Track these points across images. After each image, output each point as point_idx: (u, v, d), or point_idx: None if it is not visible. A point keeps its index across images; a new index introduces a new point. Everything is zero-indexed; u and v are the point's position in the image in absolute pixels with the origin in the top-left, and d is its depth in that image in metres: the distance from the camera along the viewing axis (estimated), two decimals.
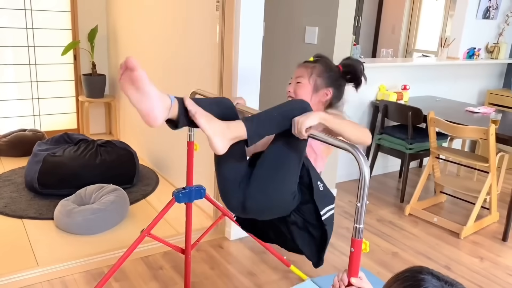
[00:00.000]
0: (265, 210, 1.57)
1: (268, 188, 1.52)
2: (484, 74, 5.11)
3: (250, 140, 1.45)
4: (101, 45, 4.94)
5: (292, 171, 1.54)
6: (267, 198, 1.53)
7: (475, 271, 2.83)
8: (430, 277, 0.85)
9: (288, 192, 1.53)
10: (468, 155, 3.52)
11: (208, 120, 1.40)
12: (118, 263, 1.98)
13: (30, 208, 3.21)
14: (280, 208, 1.56)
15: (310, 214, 1.58)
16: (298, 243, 1.61)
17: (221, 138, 1.39)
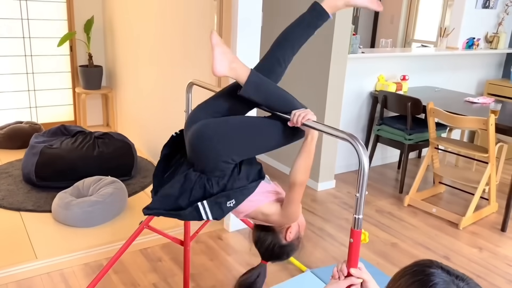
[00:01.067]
0: (199, 139, 1.52)
1: (223, 129, 1.52)
2: (484, 64, 5.08)
3: (247, 85, 1.46)
4: (98, 36, 4.90)
5: (255, 146, 1.54)
6: (216, 135, 1.50)
7: (474, 261, 2.83)
8: (440, 271, 0.83)
9: (227, 149, 1.49)
10: (467, 146, 3.51)
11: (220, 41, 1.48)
12: (117, 255, 1.97)
13: (27, 201, 3.20)
14: (205, 149, 1.51)
15: (198, 191, 1.54)
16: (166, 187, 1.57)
17: (222, 60, 1.46)
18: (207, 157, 1.51)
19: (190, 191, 1.55)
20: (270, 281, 2.49)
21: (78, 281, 2.40)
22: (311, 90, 3.70)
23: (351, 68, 3.89)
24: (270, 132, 1.54)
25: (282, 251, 1.62)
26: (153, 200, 1.61)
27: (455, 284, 0.80)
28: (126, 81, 4.57)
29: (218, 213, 1.53)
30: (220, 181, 1.53)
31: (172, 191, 1.57)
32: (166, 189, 1.58)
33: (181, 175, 1.57)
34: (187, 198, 1.55)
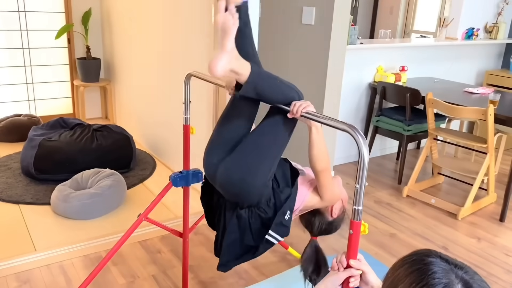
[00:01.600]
0: (230, 185, 1.53)
1: (244, 162, 1.51)
2: (483, 55, 5.07)
3: (247, 86, 1.42)
4: (95, 28, 4.87)
5: (272, 154, 1.53)
6: (239, 171, 1.50)
7: (472, 251, 2.84)
8: (439, 260, 0.83)
9: (260, 177, 1.50)
10: (466, 136, 3.50)
11: (230, 38, 1.40)
12: (115, 247, 1.97)
13: (26, 194, 3.20)
14: (243, 190, 1.51)
15: (256, 223, 1.57)
16: (225, 237, 1.59)
17: (223, 58, 1.37)
18: (248, 194, 1.53)
19: (249, 227, 1.58)
20: (269, 272, 2.50)
21: (77, 272, 2.40)
22: (310, 81, 3.69)
23: (349, 59, 3.87)
24: (279, 136, 1.54)
25: (330, 227, 1.73)
26: (221, 256, 1.63)
27: (454, 272, 0.81)
28: (124, 73, 4.55)
29: (284, 231, 1.59)
30: (269, 203, 1.57)
31: (233, 237, 1.60)
32: (227, 239, 1.60)
33: (232, 219, 1.59)
34: (251, 235, 1.59)
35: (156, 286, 2.34)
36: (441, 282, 0.79)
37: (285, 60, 3.84)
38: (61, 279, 2.35)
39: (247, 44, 1.63)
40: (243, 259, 1.63)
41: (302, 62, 3.74)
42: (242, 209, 1.57)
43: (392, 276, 0.86)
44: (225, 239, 1.60)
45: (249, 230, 1.58)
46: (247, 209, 1.57)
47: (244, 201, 1.55)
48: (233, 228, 1.59)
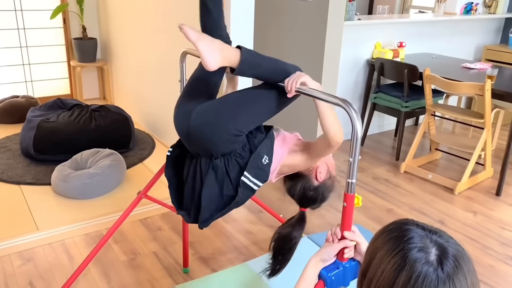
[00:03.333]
0: (203, 126, 1.51)
1: (222, 108, 1.51)
2: (482, 30, 5.03)
3: (241, 65, 1.41)
4: (91, 8, 4.82)
5: (255, 111, 1.52)
6: (214, 115, 1.50)
7: (468, 225, 2.88)
8: (415, 228, 0.87)
9: (235, 124, 1.49)
10: (463, 112, 3.51)
11: (197, 33, 1.41)
12: (116, 224, 2.00)
13: (27, 174, 3.22)
14: (216, 133, 1.50)
15: (234, 170, 1.54)
16: (204, 192, 1.55)
17: (211, 51, 1.37)
18: (220, 139, 1.50)
19: (228, 175, 1.55)
20: (268, 247, 2.54)
21: (80, 250, 2.45)
22: (307, 58, 3.68)
23: (347, 35, 3.85)
24: (267, 100, 1.54)
25: (316, 193, 1.62)
26: (201, 212, 1.59)
27: (429, 237, 0.84)
28: (121, 53, 4.53)
29: (262, 175, 1.54)
30: (244, 148, 1.54)
31: (211, 190, 1.56)
32: (206, 194, 1.56)
33: (209, 171, 1.55)
34: (230, 184, 1.55)
35: (157, 262, 2.38)
36: (416, 246, 0.82)
37: (282, 37, 3.82)
38: (64, 256, 2.39)
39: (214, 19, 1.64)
40: (227, 211, 1.58)
41: (299, 39, 3.72)
42: (216, 159, 1.54)
43: (372, 245, 0.89)
44: (204, 194, 1.56)
45: (228, 179, 1.54)
46: (222, 158, 1.54)
47: (218, 148, 1.52)
48: (210, 181, 1.55)
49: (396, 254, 0.83)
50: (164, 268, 2.34)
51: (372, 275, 0.85)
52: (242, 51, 1.44)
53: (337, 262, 1.27)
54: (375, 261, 0.85)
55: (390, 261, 0.83)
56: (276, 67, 1.49)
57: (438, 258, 0.81)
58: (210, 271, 2.34)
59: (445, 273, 0.79)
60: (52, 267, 2.31)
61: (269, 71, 1.49)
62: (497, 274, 2.41)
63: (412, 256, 0.81)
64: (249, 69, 1.46)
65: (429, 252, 0.81)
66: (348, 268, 1.28)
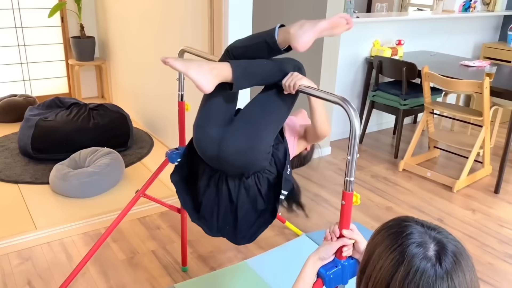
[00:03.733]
0: (238, 155, 1.50)
1: (250, 130, 1.49)
2: (480, 27, 5.03)
3: (237, 82, 1.42)
4: (89, 6, 4.81)
5: (276, 122, 1.53)
6: (245, 140, 1.48)
7: (467, 222, 2.89)
8: (414, 224, 0.87)
9: (266, 143, 1.51)
10: (462, 110, 3.51)
11: (184, 64, 1.41)
12: (114, 223, 2.00)
13: (25, 173, 3.22)
14: (251, 159, 1.51)
15: (264, 186, 1.56)
16: (238, 210, 1.58)
17: (202, 75, 1.39)
18: (256, 160, 1.52)
19: (260, 193, 1.57)
20: (267, 245, 2.54)
21: (78, 249, 2.44)
22: (306, 56, 3.66)
23: (345, 33, 3.83)
24: (280, 106, 1.53)
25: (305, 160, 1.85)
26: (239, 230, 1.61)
27: (428, 233, 0.84)
28: (119, 51, 4.52)
29: (289, 185, 1.59)
30: (271, 163, 1.58)
31: (245, 208, 1.58)
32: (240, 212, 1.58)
33: (241, 192, 1.56)
34: (262, 199, 1.58)
35: (155, 261, 2.38)
36: (415, 242, 0.82)
37: None
38: (62, 255, 2.39)
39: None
40: (262, 225, 1.61)
41: None
42: (248, 178, 1.56)
43: (371, 242, 0.89)
44: (239, 213, 1.59)
45: (260, 196, 1.57)
46: (253, 176, 1.56)
47: (251, 169, 1.54)
48: (243, 200, 1.58)
49: (395, 249, 0.83)
50: (162, 267, 2.34)
51: (370, 271, 0.85)
52: (233, 66, 1.42)
53: (336, 260, 1.27)
54: (374, 257, 0.85)
55: (388, 257, 0.82)
56: (271, 69, 1.48)
57: (437, 253, 0.81)
58: (209, 270, 2.34)
59: (444, 269, 0.79)
60: (51, 266, 2.31)
61: (266, 76, 1.48)
62: (496, 272, 2.42)
63: (411, 251, 0.81)
64: (246, 82, 1.46)
65: (428, 247, 0.81)
66: (347, 267, 1.27)
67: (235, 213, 1.60)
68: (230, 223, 1.63)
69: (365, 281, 0.86)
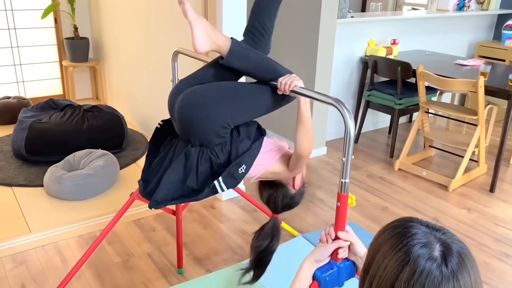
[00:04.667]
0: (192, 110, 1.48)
1: (218, 95, 1.48)
2: (474, 26, 5.04)
3: (230, 54, 1.42)
4: (82, 7, 4.78)
5: (250, 108, 1.51)
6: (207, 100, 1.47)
7: (462, 221, 2.89)
8: (419, 225, 0.86)
9: (222, 116, 1.47)
10: (457, 109, 3.52)
11: (195, 14, 1.42)
12: (109, 226, 1.98)
13: (19, 176, 3.19)
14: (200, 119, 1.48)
15: (204, 165, 1.52)
16: (167, 173, 1.54)
17: (203, 33, 1.41)
18: (202, 125, 1.48)
19: (196, 168, 1.52)
20: None
21: (73, 252, 2.43)
22: (300, 56, 3.67)
23: (340, 33, 3.85)
24: (261, 97, 1.53)
25: (293, 201, 1.68)
26: (157, 191, 1.55)
27: (433, 234, 0.84)
28: (113, 52, 4.50)
29: (232, 182, 1.53)
30: (223, 148, 1.52)
31: (175, 175, 1.53)
32: (169, 175, 1.53)
33: (180, 156, 1.53)
34: (195, 177, 1.53)
35: (151, 263, 2.37)
36: (420, 242, 0.82)
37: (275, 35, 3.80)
38: (57, 259, 2.37)
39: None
40: (181, 200, 1.57)
41: (292, 37, 3.71)
42: (193, 146, 1.53)
43: (375, 242, 0.89)
44: (167, 175, 1.54)
45: (195, 172, 1.53)
46: (198, 148, 1.52)
47: (195, 136, 1.50)
48: (178, 165, 1.53)
49: (400, 249, 0.82)
50: (158, 269, 2.33)
51: (375, 270, 0.85)
52: (233, 41, 1.45)
53: (331, 262, 1.26)
54: (378, 257, 0.85)
55: (393, 257, 0.82)
56: (266, 63, 1.49)
57: (442, 254, 0.80)
58: (204, 272, 2.33)
59: (449, 269, 0.79)
60: (45, 269, 2.29)
61: (259, 66, 1.48)
62: (491, 271, 2.42)
63: (416, 251, 0.81)
64: (237, 60, 1.46)
65: (433, 248, 0.81)
66: (343, 268, 1.27)
67: (163, 172, 1.57)
68: (156, 184, 1.59)
69: (369, 281, 0.86)
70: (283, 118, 3.77)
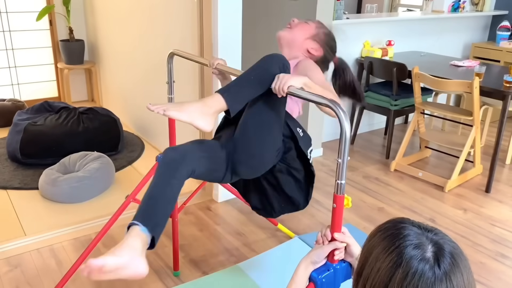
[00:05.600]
0: (256, 169, 1.60)
1: (255, 150, 1.55)
2: (469, 27, 5.06)
3: (232, 109, 1.45)
4: (77, 9, 4.77)
5: (274, 129, 1.57)
6: (255, 159, 1.56)
7: (458, 222, 2.89)
8: (411, 226, 0.87)
9: (274, 149, 1.57)
10: (452, 109, 3.53)
11: (179, 110, 1.40)
12: (104, 228, 1.97)
13: (14, 179, 3.18)
14: (268, 164, 1.60)
15: (293, 160, 1.64)
16: (286, 189, 1.66)
17: (201, 117, 1.42)
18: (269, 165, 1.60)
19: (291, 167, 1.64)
20: (259, 249, 2.53)
21: (68, 255, 2.41)
22: None
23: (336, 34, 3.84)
24: (276, 111, 1.54)
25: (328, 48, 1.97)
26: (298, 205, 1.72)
27: (425, 235, 0.84)
28: (109, 54, 4.49)
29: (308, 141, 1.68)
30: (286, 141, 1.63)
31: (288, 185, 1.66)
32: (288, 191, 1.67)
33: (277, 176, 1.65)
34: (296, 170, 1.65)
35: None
36: (412, 243, 0.82)
37: (271, 38, 3.81)
38: (52, 262, 2.36)
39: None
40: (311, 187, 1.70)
41: None
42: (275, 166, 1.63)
43: (367, 244, 0.89)
44: (287, 190, 1.67)
45: (294, 169, 1.65)
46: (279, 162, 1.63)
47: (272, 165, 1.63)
48: (285, 179, 1.65)
49: (392, 251, 0.82)
50: (154, 271, 2.32)
51: (368, 273, 0.85)
52: (223, 96, 1.43)
53: (328, 264, 1.26)
54: (371, 259, 0.85)
55: (386, 259, 0.82)
56: (259, 79, 1.45)
57: (435, 255, 0.80)
58: (201, 274, 2.32)
59: (442, 270, 0.79)
60: (40, 273, 2.27)
61: (257, 88, 1.46)
62: (488, 271, 2.42)
63: (408, 253, 0.81)
64: (240, 103, 1.46)
65: (425, 249, 0.81)
66: (339, 270, 1.27)
67: (286, 195, 1.69)
68: (287, 203, 1.73)
69: (362, 283, 0.86)
70: None
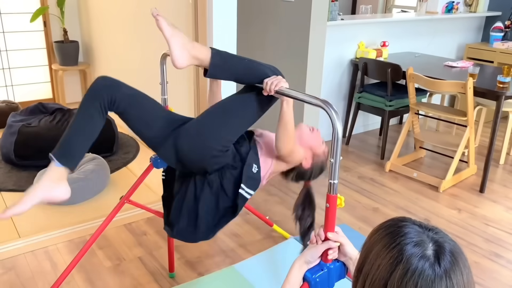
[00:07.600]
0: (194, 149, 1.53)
1: (210, 130, 1.51)
2: (463, 28, 5.09)
3: (212, 68, 1.41)
4: (72, 10, 4.76)
5: (240, 124, 1.53)
6: (201, 137, 1.51)
7: (453, 222, 2.91)
8: (411, 224, 0.87)
9: (224, 140, 1.51)
10: (446, 110, 3.54)
11: (171, 28, 1.39)
12: (99, 230, 1.97)
13: (8, 181, 3.16)
14: (207, 152, 1.52)
15: (229, 183, 1.57)
16: (200, 206, 1.58)
17: (182, 49, 1.37)
18: (210, 159, 1.52)
19: (222, 188, 1.57)
20: (254, 249, 2.53)
21: (63, 257, 2.40)
22: (291, 59, 3.68)
23: (330, 35, 3.86)
24: (248, 107, 1.53)
25: (313, 172, 1.78)
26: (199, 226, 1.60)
27: (425, 233, 0.85)
28: (103, 55, 4.48)
29: (254, 183, 1.58)
30: (236, 159, 1.56)
31: (208, 204, 1.58)
32: (201, 207, 1.58)
33: (204, 187, 1.57)
34: (225, 195, 1.58)
35: (142, 267, 2.35)
36: (413, 241, 0.82)
37: (266, 38, 3.82)
38: (47, 264, 2.35)
39: None
40: (223, 223, 1.62)
41: (283, 40, 3.72)
42: (211, 174, 1.56)
43: (368, 241, 0.89)
44: (200, 208, 1.58)
45: (223, 191, 1.57)
46: (217, 172, 1.55)
47: (211, 166, 1.54)
48: (206, 195, 1.57)
49: (393, 248, 0.82)
50: (149, 273, 2.31)
51: (368, 270, 0.85)
52: (212, 53, 1.42)
53: (322, 263, 1.26)
54: (371, 256, 0.85)
55: (386, 256, 0.82)
56: (250, 68, 1.48)
57: (435, 253, 0.81)
58: (196, 275, 2.31)
59: (442, 268, 0.79)
60: (35, 275, 2.26)
61: (244, 72, 1.47)
62: (482, 271, 2.43)
63: (409, 250, 0.81)
64: (221, 72, 1.45)
65: (426, 247, 0.82)
66: (333, 269, 1.27)
67: (196, 210, 1.60)
68: (191, 222, 1.63)
69: (362, 280, 0.86)
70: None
